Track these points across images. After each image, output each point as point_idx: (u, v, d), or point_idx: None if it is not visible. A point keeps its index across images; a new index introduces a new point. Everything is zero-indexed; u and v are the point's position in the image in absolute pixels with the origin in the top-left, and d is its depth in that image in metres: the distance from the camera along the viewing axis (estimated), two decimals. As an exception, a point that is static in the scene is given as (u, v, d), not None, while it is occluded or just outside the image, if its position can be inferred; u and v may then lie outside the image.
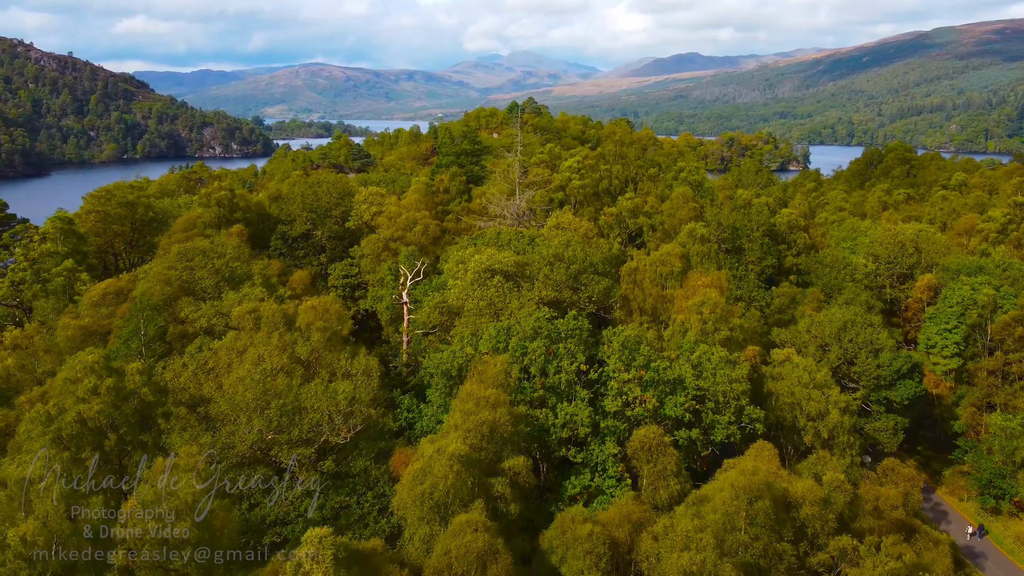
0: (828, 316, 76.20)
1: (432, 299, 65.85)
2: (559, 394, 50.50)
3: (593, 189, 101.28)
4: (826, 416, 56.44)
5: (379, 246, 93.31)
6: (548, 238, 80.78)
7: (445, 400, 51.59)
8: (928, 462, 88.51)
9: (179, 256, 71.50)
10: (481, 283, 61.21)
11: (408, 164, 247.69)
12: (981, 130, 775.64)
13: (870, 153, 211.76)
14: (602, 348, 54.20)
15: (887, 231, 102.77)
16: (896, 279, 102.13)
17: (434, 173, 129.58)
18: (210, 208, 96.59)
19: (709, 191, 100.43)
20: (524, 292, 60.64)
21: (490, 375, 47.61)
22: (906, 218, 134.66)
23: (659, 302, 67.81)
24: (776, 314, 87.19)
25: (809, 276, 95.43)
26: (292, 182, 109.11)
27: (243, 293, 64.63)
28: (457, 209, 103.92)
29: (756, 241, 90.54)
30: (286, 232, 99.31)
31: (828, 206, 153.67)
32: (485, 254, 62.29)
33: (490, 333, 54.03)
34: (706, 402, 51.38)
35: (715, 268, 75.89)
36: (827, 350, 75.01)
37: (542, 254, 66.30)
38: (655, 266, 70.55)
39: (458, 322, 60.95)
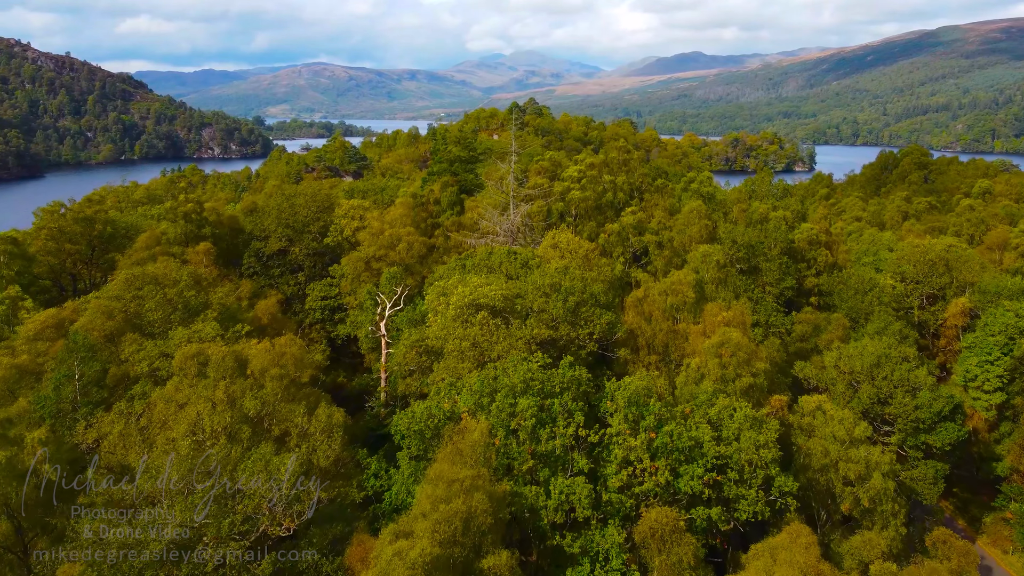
0: (858, 349, 67.72)
1: (409, 336, 57.55)
2: (552, 463, 42.20)
3: (595, 202, 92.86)
4: (867, 480, 48.07)
5: (360, 265, 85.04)
6: (545, 259, 72.48)
7: (417, 471, 43.31)
8: (966, 506, 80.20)
9: (126, 284, 63.22)
10: (464, 320, 52.89)
11: (406, 167, 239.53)
12: (988, 130, 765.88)
13: (884, 157, 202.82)
14: (604, 402, 45.93)
15: (915, 247, 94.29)
16: (925, 300, 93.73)
17: (425, 182, 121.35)
18: (176, 223, 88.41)
19: (722, 204, 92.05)
20: (514, 330, 52.30)
21: (468, 446, 39.34)
22: (929, 229, 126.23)
23: (670, 338, 59.40)
24: (797, 342, 78.77)
25: (832, 298, 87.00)
26: (268, 193, 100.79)
27: (193, 330, 56.34)
28: (447, 223, 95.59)
29: (774, 261, 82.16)
30: (260, 249, 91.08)
31: (844, 215, 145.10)
32: (469, 286, 53.92)
33: (472, 386, 45.73)
34: (728, 471, 43.06)
35: (732, 296, 67.36)
36: (858, 388, 66.59)
37: (536, 283, 57.98)
38: (665, 295, 62.18)
39: (437, 366, 52.65)
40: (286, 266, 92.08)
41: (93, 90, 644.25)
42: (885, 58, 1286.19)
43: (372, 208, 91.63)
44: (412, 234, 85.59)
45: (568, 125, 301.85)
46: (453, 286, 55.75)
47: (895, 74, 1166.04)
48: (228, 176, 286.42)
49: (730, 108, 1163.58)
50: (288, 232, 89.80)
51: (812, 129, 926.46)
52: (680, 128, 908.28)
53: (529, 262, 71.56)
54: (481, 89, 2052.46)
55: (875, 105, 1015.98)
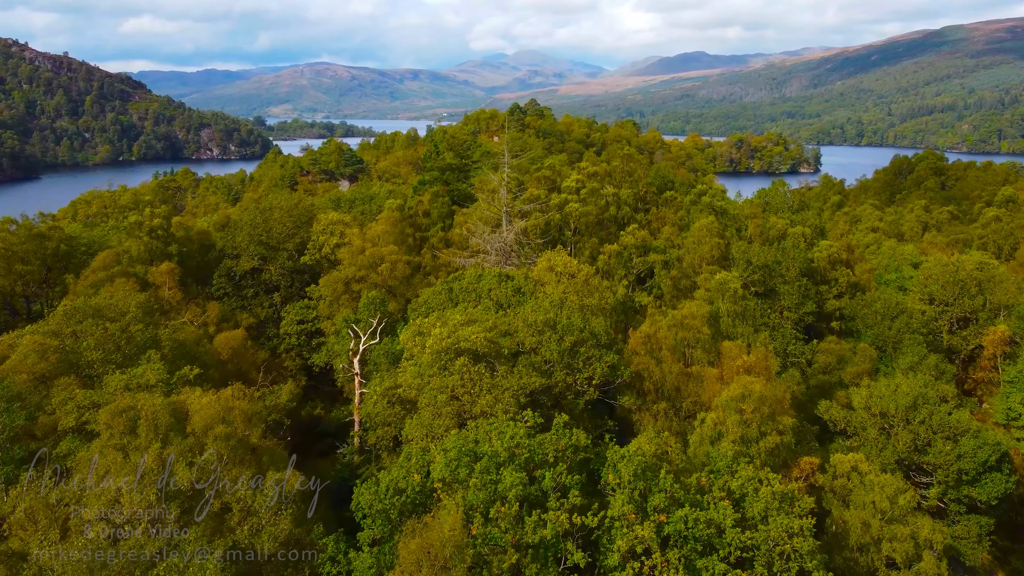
0: (891, 389, 60.12)
1: (381, 381, 50.16)
2: (541, 555, 34.78)
3: (597, 217, 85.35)
4: (916, 562, 40.61)
5: (339, 287, 77.69)
6: (540, 283, 65.07)
7: (381, 561, 35.88)
8: (1007, 556, 72.63)
9: (65, 317, 55.84)
10: (442, 366, 45.46)
11: (403, 170, 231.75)
12: (994, 130, 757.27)
13: (898, 162, 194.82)
14: (605, 472, 38.53)
15: (944, 266, 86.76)
16: (956, 323, 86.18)
17: (416, 190, 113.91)
18: (140, 239, 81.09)
19: (735, 219, 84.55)
20: (500, 379, 44.84)
21: (439, 541, 31.96)
22: (952, 242, 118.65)
23: (682, 381, 51.90)
24: (819, 374, 71.29)
25: (855, 323, 79.48)
26: (243, 207, 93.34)
27: (131, 375, 48.90)
28: (434, 240, 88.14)
29: (792, 283, 74.66)
30: (232, 268, 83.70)
31: (860, 224, 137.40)
32: (448, 325, 46.47)
33: (448, 454, 38.30)
34: (755, 565, 35.60)
35: (751, 331, 59.75)
36: (891, 434, 59.02)
37: (527, 320, 50.52)
38: (674, 330, 54.68)
39: (410, 421, 45.20)
40: (260, 286, 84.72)
41: (91, 90, 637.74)
42: (889, 58, 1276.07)
43: (353, 224, 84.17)
44: (395, 253, 78.16)
45: (570, 127, 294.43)
46: (431, 324, 48.29)
47: (900, 74, 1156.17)
48: (221, 179, 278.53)
49: (733, 108, 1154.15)
50: (261, 250, 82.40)
51: (816, 129, 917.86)
52: (683, 128, 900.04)
53: (522, 288, 64.22)
54: (484, 89, 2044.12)
55: (880, 105, 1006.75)
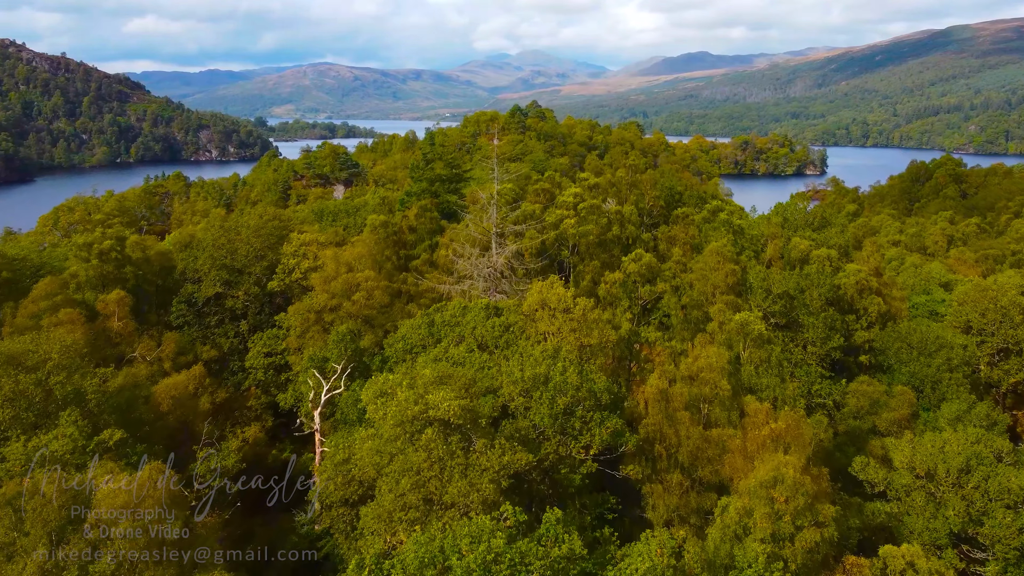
0: (937, 445, 51.57)
1: (335, 452, 41.84)
2: None
3: (599, 237, 77.00)
4: None
5: (310, 317, 69.43)
6: (531, 320, 56.73)
7: None
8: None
9: (-26, 367, 47.57)
10: (407, 439, 37.19)
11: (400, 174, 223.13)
12: (1002, 131, 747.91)
13: (915, 168, 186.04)
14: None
15: (982, 291, 78.28)
16: (997, 354, 77.71)
17: (403, 203, 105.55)
18: (90, 263, 72.91)
19: (752, 240, 76.23)
20: (478, 458, 36.50)
21: None
22: (982, 257, 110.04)
23: (700, 446, 43.46)
24: (850, 419, 62.86)
25: (886, 356, 71.01)
26: (207, 225, 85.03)
27: (32, 446, 40.57)
28: (419, 260, 79.76)
29: (818, 315, 66.25)
30: (193, 294, 75.45)
31: (878, 236, 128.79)
32: (418, 386, 38.15)
33: (408, 567, 29.98)
34: None
35: (778, 381, 51.21)
36: (940, 502, 50.54)
37: (513, 376, 42.18)
38: (687, 383, 46.30)
39: (365, 510, 36.88)
40: (225, 313, 76.44)
41: (89, 91, 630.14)
42: (895, 58, 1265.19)
43: (328, 244, 75.90)
44: (373, 279, 69.79)
45: (572, 129, 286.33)
46: (396, 384, 39.91)
47: (905, 74, 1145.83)
48: (213, 183, 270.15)
49: (737, 108, 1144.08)
50: (224, 274, 74.13)
51: (821, 130, 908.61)
52: (687, 129, 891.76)
53: (512, 326, 55.93)
54: (487, 89, 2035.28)
55: (885, 106, 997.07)
